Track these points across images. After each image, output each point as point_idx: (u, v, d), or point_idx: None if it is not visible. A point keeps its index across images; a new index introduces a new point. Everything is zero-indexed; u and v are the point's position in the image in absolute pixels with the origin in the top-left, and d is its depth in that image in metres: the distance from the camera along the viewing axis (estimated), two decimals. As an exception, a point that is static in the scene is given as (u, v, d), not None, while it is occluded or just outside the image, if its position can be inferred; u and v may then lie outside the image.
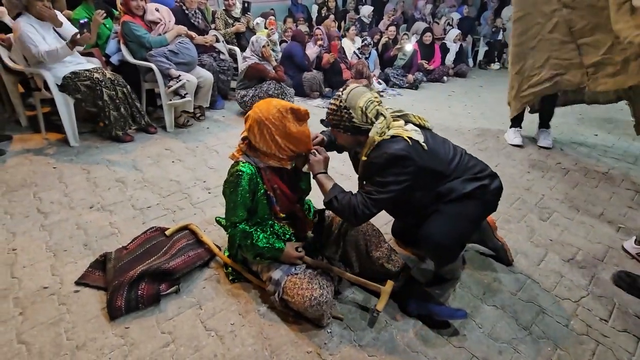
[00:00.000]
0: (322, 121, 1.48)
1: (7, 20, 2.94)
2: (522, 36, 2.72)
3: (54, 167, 2.63)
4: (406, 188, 1.35)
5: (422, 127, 1.44)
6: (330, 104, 1.39)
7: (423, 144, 1.34)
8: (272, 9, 5.65)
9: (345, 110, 1.34)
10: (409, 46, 5.18)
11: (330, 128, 1.49)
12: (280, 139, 1.38)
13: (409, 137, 1.32)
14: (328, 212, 1.71)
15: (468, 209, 1.40)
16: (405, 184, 1.34)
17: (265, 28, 4.64)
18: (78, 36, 2.61)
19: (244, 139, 1.49)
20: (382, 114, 1.36)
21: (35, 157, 2.77)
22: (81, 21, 2.63)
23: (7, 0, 2.60)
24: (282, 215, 1.57)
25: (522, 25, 2.70)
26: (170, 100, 3.16)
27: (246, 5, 4.70)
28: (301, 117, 1.40)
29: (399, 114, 1.44)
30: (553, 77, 2.67)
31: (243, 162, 1.44)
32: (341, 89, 1.39)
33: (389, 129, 1.36)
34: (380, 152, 1.32)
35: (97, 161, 2.74)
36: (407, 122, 1.43)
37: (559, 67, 2.64)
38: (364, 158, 1.39)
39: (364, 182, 1.45)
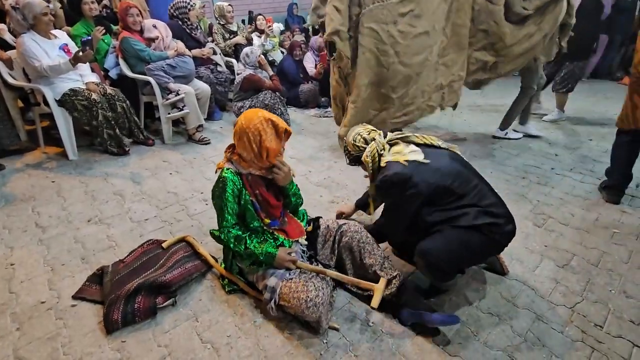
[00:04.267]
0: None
1: (8, 37, 3.00)
2: (414, 57, 2.50)
3: (53, 181, 2.65)
4: (418, 205, 1.45)
5: (427, 146, 1.52)
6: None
7: (423, 160, 1.43)
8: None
9: (346, 149, 1.69)
10: None
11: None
12: (255, 147, 1.44)
13: (405, 160, 1.44)
14: (323, 221, 1.73)
15: (471, 240, 1.41)
16: (415, 202, 1.44)
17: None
18: (80, 53, 2.66)
19: (229, 146, 1.56)
20: (373, 139, 1.57)
21: (34, 171, 2.79)
22: (83, 39, 2.69)
23: (15, 21, 2.66)
24: (268, 221, 1.60)
25: (417, 44, 2.47)
26: (169, 113, 3.20)
27: (251, 14, 4.81)
28: (278, 133, 1.47)
29: (399, 136, 1.58)
30: (420, 105, 2.69)
31: (226, 169, 1.50)
32: None
33: (385, 151, 1.54)
34: (380, 175, 1.49)
35: (95, 174, 2.76)
36: (409, 143, 1.53)
37: (427, 93, 2.68)
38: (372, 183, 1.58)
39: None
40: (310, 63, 4.63)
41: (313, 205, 2.30)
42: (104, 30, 3.17)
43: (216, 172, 1.55)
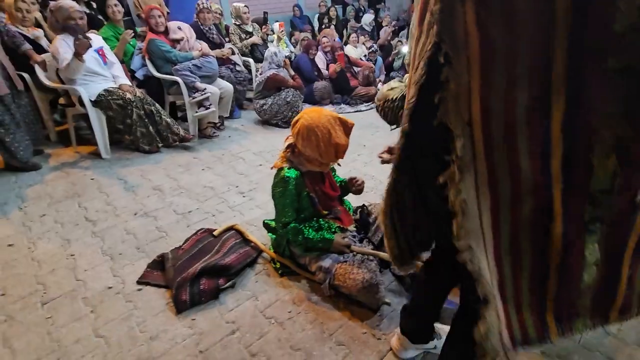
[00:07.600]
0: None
1: (43, 43, 3.11)
2: None
3: (92, 179, 2.76)
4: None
5: None
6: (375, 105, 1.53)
7: None
8: (276, 20, 5.87)
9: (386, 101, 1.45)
10: (405, 48, 5.39)
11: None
12: (324, 145, 1.52)
13: None
14: (371, 207, 1.87)
15: None
16: None
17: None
18: (77, 42, 2.56)
19: (288, 146, 1.63)
20: None
21: (72, 170, 2.90)
22: None
23: (49, 23, 2.78)
24: (325, 212, 1.72)
25: None
26: (196, 112, 3.31)
27: (265, 15, 4.94)
28: (347, 129, 1.57)
29: None
30: None
31: (288, 168, 1.59)
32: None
33: None
34: None
35: (131, 172, 2.87)
36: None
37: None
38: None
39: None
40: (321, 63, 4.76)
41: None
42: (132, 34, 3.28)
43: (272, 168, 1.66)
